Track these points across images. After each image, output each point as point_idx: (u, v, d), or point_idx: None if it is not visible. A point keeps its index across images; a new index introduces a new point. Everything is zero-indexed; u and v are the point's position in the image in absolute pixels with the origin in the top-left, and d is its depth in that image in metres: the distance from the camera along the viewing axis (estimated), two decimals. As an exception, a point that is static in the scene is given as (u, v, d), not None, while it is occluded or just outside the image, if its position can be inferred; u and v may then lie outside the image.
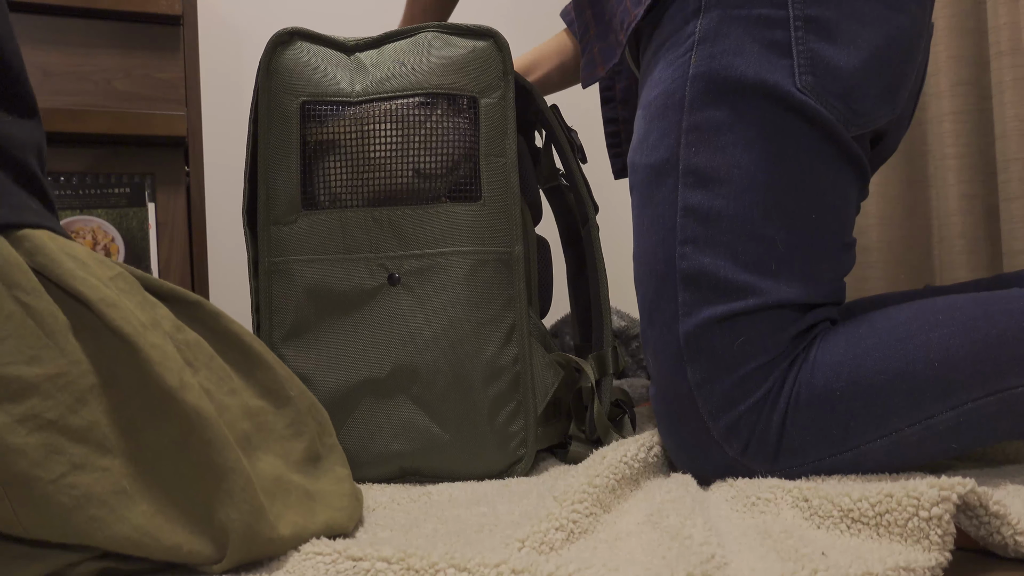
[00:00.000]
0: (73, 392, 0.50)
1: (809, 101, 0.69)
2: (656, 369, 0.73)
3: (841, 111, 0.70)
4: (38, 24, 1.19)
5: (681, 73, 0.73)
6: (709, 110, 0.71)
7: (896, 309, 0.70)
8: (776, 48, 0.70)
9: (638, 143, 0.77)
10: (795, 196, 0.70)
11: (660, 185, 0.73)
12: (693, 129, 0.72)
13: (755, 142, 0.70)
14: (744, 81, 0.70)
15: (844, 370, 0.67)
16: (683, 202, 0.71)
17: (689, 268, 0.70)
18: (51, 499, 0.48)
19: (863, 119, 0.72)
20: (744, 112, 0.70)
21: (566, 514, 0.58)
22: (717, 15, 0.72)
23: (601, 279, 0.94)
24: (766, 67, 0.70)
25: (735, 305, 0.69)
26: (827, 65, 0.70)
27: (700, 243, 0.70)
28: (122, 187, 1.24)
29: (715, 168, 0.70)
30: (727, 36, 0.71)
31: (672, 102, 0.73)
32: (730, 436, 0.68)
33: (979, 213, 1.36)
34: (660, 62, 0.76)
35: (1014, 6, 1.27)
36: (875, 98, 0.72)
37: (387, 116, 0.85)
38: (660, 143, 0.74)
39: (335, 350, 0.84)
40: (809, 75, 0.70)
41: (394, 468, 0.83)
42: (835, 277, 0.73)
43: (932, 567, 0.47)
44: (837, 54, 0.70)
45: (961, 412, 0.65)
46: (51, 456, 0.48)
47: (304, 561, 0.52)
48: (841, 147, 0.71)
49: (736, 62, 0.70)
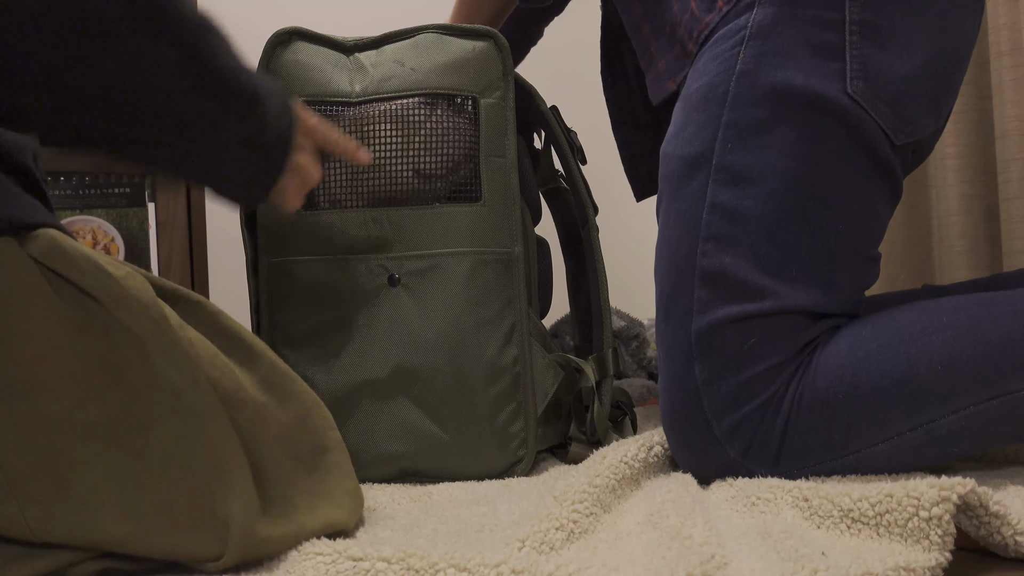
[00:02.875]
0: (81, 390, 0.50)
1: (856, 107, 0.69)
2: (666, 364, 0.73)
3: (890, 118, 0.70)
4: (38, 24, 1.19)
5: (727, 67, 0.72)
6: (750, 108, 0.70)
7: (899, 311, 0.70)
8: (828, 51, 0.69)
9: (674, 133, 0.76)
10: (823, 205, 0.69)
11: (691, 178, 0.72)
12: (732, 125, 0.71)
13: (792, 147, 0.69)
14: (791, 85, 0.69)
15: (847, 374, 0.66)
16: (712, 198, 0.71)
17: (709, 265, 0.70)
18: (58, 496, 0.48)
19: (910, 127, 0.71)
20: (785, 116, 0.69)
21: (566, 514, 0.58)
22: (771, 12, 0.71)
23: (601, 280, 0.94)
24: (816, 73, 0.69)
25: (750, 306, 0.68)
26: (879, 71, 0.69)
27: (723, 241, 0.70)
28: (122, 187, 1.24)
29: (748, 167, 0.70)
30: (779, 35, 0.70)
31: (714, 95, 0.72)
32: (732, 437, 0.68)
33: (979, 213, 1.36)
34: (706, 54, 0.75)
35: (1014, 6, 1.27)
36: (923, 107, 0.72)
37: (387, 117, 0.85)
38: (696, 136, 0.73)
39: (335, 351, 0.84)
40: (861, 80, 0.69)
41: (394, 469, 0.83)
42: (855, 289, 0.72)
43: (932, 567, 0.47)
44: (890, 60, 0.69)
45: (963, 416, 0.64)
46: (58, 454, 0.49)
47: (304, 561, 0.52)
48: (878, 159, 0.71)
49: (786, 64, 0.70)
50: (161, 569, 0.54)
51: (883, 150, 0.71)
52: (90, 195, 1.23)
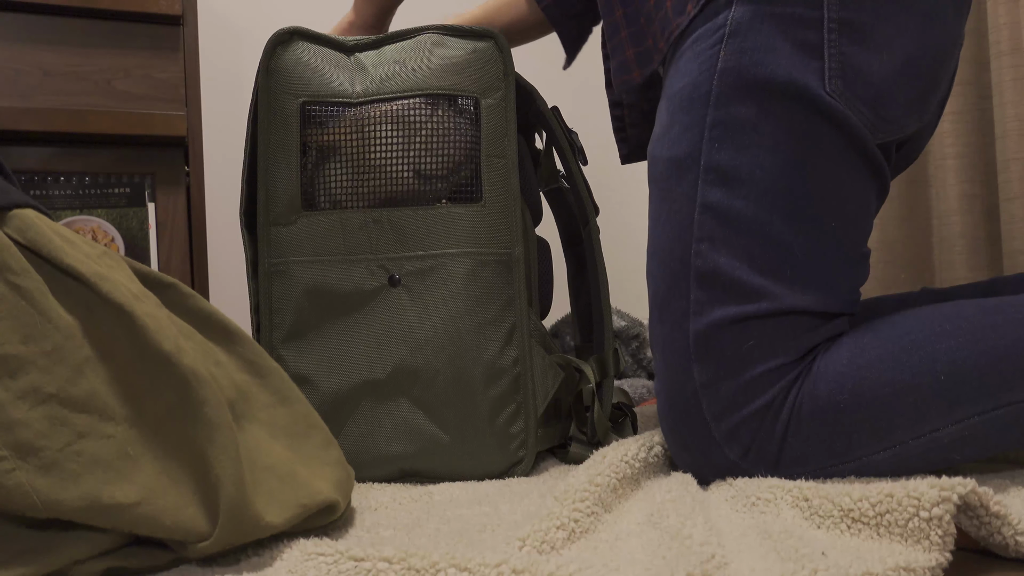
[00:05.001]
0: (70, 364, 0.51)
1: (837, 105, 0.68)
2: (662, 366, 0.72)
3: (869, 118, 0.69)
4: (38, 24, 1.19)
5: (709, 66, 0.71)
6: (736, 107, 0.69)
7: (901, 317, 0.69)
8: (807, 49, 0.68)
9: (659, 135, 0.75)
10: (816, 203, 0.69)
11: (680, 180, 0.72)
12: (718, 125, 0.70)
13: (780, 144, 0.68)
14: (774, 80, 0.68)
15: (848, 381, 0.66)
16: (702, 199, 0.70)
17: (704, 266, 0.69)
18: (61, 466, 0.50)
19: (890, 127, 0.71)
20: (771, 112, 0.69)
21: (567, 513, 0.59)
22: (750, 9, 0.70)
23: (602, 281, 0.94)
24: (797, 67, 0.68)
25: (748, 308, 0.68)
26: (858, 70, 0.68)
27: (717, 242, 0.69)
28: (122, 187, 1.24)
29: (737, 167, 0.69)
30: (758, 32, 0.69)
31: (698, 95, 0.71)
32: (732, 440, 0.68)
33: (979, 213, 1.36)
34: (687, 53, 0.74)
35: (1014, 6, 1.27)
36: (904, 106, 0.71)
37: (388, 117, 0.85)
38: (682, 137, 0.72)
39: (335, 351, 0.84)
40: (839, 79, 0.68)
41: (394, 470, 0.83)
42: (851, 287, 0.72)
43: (932, 567, 0.47)
44: (869, 60, 0.69)
45: (966, 426, 0.64)
46: (56, 427, 0.50)
47: (306, 561, 0.52)
48: (866, 156, 0.70)
49: (766, 59, 0.69)
50: (162, 568, 0.54)
51: (871, 147, 0.70)
52: (90, 195, 1.23)
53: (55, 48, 1.20)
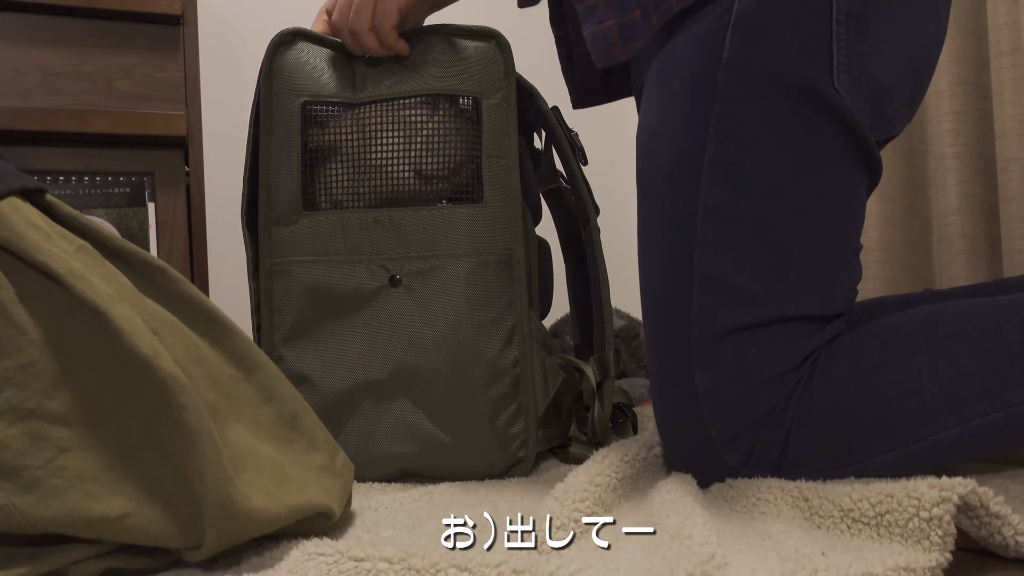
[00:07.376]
0: (46, 377, 0.49)
1: (844, 101, 0.66)
2: (662, 371, 0.71)
3: (869, 115, 0.68)
4: (38, 24, 1.19)
5: (713, 56, 0.68)
6: (742, 102, 0.67)
7: (902, 319, 0.68)
8: (816, 42, 0.66)
9: (654, 126, 0.72)
10: (819, 203, 0.67)
11: (680, 177, 0.69)
12: (723, 120, 0.67)
13: (787, 144, 0.67)
14: (783, 77, 0.66)
15: (850, 385, 0.65)
16: (705, 199, 0.67)
17: (707, 270, 0.67)
18: (43, 483, 0.48)
19: (886, 124, 0.70)
20: (779, 109, 0.67)
21: (568, 513, 0.59)
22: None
23: (602, 281, 0.94)
24: (806, 63, 0.66)
25: (752, 314, 0.66)
26: (863, 66, 0.67)
27: (720, 245, 0.67)
28: (122, 187, 1.24)
29: (742, 166, 0.67)
30: (766, 22, 0.67)
31: (701, 87, 0.68)
32: (732, 446, 0.67)
33: (979, 213, 1.36)
34: (682, 33, 0.70)
35: (1014, 6, 1.27)
36: (900, 104, 0.71)
37: (388, 117, 0.85)
38: (684, 131, 0.69)
39: (336, 351, 0.84)
40: (846, 74, 0.67)
41: (395, 470, 0.83)
42: (849, 286, 0.71)
43: (932, 567, 0.47)
44: (874, 56, 0.67)
45: (967, 428, 0.63)
46: (36, 443, 0.48)
47: (306, 561, 0.52)
48: (865, 153, 0.69)
49: (775, 54, 0.66)
50: (162, 568, 0.54)
51: (870, 144, 0.69)
52: (90, 195, 1.23)
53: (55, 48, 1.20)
